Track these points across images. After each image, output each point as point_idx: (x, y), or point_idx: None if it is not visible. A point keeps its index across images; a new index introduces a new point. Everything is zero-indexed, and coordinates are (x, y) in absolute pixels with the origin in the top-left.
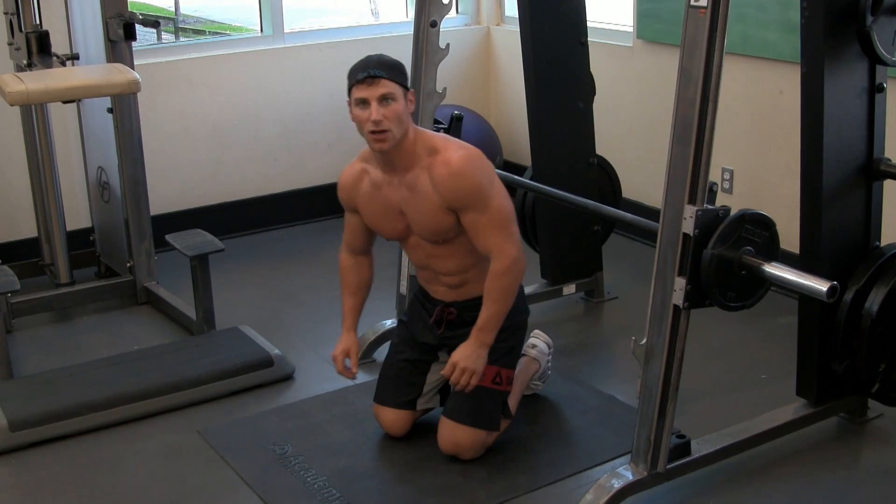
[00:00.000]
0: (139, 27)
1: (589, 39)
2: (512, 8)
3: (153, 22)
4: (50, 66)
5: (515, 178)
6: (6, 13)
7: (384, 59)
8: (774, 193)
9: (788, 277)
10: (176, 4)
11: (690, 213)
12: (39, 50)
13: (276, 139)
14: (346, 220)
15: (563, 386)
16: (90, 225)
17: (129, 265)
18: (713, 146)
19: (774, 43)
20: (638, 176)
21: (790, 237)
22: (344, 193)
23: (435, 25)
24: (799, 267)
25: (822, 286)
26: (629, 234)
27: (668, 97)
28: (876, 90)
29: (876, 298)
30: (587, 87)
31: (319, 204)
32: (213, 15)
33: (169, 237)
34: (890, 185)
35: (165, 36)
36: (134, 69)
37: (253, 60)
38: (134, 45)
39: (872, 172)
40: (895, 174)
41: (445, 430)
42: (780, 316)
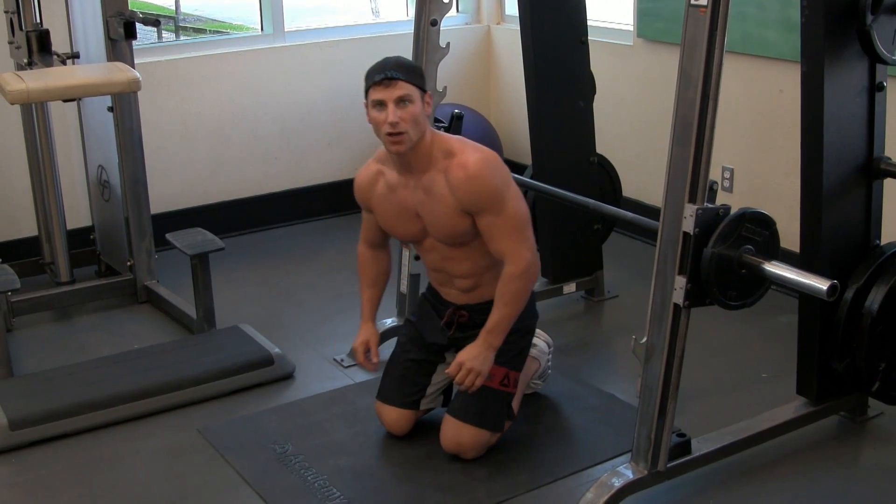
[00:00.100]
0: (140, 26)
1: (589, 38)
2: (512, 7)
3: (153, 21)
4: (50, 64)
5: (516, 176)
6: (7, 12)
7: (402, 61)
8: (774, 192)
9: (789, 276)
10: (176, 3)
11: (691, 211)
12: (40, 49)
13: (276, 138)
14: (363, 216)
15: (563, 384)
16: (90, 223)
17: (129, 264)
18: (713, 145)
19: (775, 42)
20: (638, 175)
21: (790, 236)
22: (360, 194)
23: (435, 24)
24: (799, 266)
25: (822, 285)
26: (629, 232)
27: (668, 96)
28: (876, 89)
29: (876, 297)
30: (587, 85)
31: (319, 203)
32: (213, 13)
33: (169, 236)
34: (890, 183)
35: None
36: (134, 68)
37: (253, 59)
38: (134, 43)
39: (872, 171)
40: (895, 173)
41: (450, 428)
42: (780, 315)
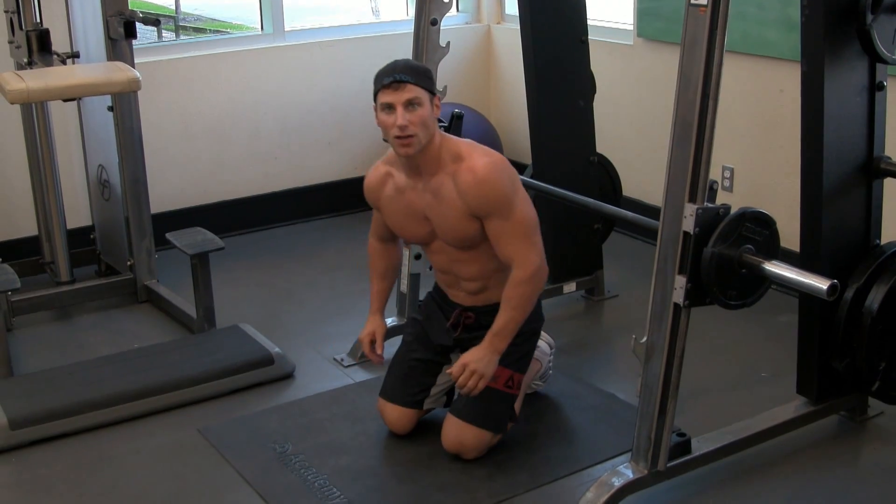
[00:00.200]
0: (140, 25)
1: (589, 37)
2: (512, 6)
3: (154, 20)
4: (50, 64)
5: None
6: (7, 11)
7: (411, 63)
8: (775, 192)
9: (789, 276)
10: (176, 3)
11: (691, 211)
12: (40, 48)
13: (276, 137)
14: (373, 212)
15: (563, 384)
16: (90, 223)
17: (129, 263)
18: (713, 144)
19: (775, 41)
20: (638, 174)
21: (790, 235)
22: (369, 194)
23: (435, 24)
24: (799, 265)
25: (822, 284)
26: (630, 232)
27: (668, 95)
28: (876, 88)
29: (876, 297)
30: (587, 85)
31: (320, 202)
32: (213, 13)
33: (169, 235)
34: (890, 183)
35: (166, 34)
36: (134, 67)
37: (253, 59)
38: (134, 43)
39: (872, 171)
40: (895, 172)
41: (452, 428)
42: (780, 314)
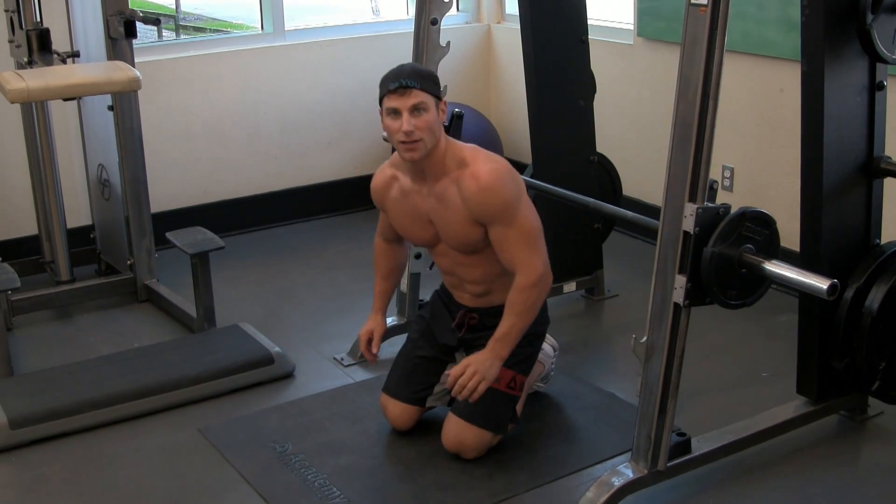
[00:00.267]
0: (140, 25)
1: (589, 37)
2: (512, 6)
3: (154, 19)
4: (50, 63)
5: None
6: (7, 10)
7: (416, 68)
8: (775, 191)
9: (789, 275)
10: (176, 2)
11: (691, 210)
12: (40, 47)
13: (276, 137)
14: (380, 213)
15: (563, 383)
16: (91, 222)
17: (129, 263)
18: (713, 144)
19: (775, 41)
20: (638, 174)
21: (790, 235)
22: (376, 196)
23: (435, 23)
24: (799, 265)
25: (822, 284)
26: (630, 231)
27: (668, 95)
28: (876, 88)
29: (876, 296)
30: (588, 84)
31: (320, 202)
32: (213, 12)
33: (169, 235)
34: (890, 183)
35: (166, 33)
36: (134, 67)
37: (253, 58)
38: (134, 42)
39: (872, 170)
40: (895, 172)
41: (452, 427)
42: (780, 314)
